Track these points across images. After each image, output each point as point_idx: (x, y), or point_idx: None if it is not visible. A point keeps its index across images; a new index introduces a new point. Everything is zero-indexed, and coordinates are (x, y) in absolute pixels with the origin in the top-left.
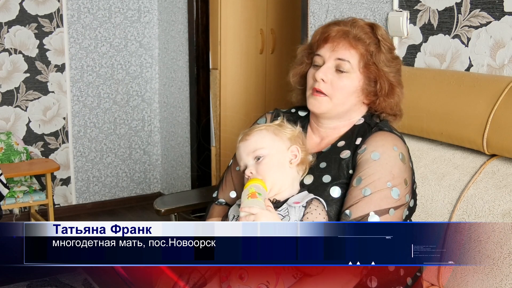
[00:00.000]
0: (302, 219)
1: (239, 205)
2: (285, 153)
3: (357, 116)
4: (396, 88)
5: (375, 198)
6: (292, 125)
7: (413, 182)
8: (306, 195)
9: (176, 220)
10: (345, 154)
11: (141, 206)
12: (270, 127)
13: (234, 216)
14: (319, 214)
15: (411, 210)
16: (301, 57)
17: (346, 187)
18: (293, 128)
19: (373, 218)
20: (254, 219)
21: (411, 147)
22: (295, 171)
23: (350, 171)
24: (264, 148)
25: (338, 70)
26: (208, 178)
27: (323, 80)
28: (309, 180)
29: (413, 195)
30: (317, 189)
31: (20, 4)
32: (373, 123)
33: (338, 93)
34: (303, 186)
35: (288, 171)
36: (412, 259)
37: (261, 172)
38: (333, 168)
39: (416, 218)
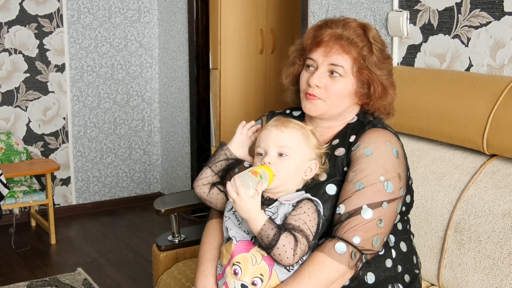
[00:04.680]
0: (288, 215)
1: None
2: (305, 163)
3: (350, 115)
4: (389, 90)
5: (368, 191)
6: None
7: (408, 178)
8: (300, 195)
9: (176, 220)
10: (340, 152)
11: (141, 206)
12: (305, 130)
13: (232, 208)
14: (304, 212)
15: (408, 206)
16: (293, 58)
17: (341, 184)
18: (319, 143)
19: (366, 211)
20: (235, 199)
21: (411, 147)
22: (302, 181)
23: (345, 169)
24: (292, 149)
25: (332, 75)
26: None
27: (317, 86)
28: (308, 181)
29: (409, 191)
30: (314, 187)
31: (20, 4)
32: (367, 120)
33: (333, 96)
34: None
35: (299, 179)
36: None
37: (278, 169)
38: (328, 167)
39: (416, 218)
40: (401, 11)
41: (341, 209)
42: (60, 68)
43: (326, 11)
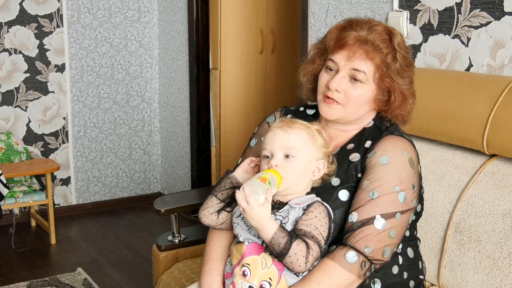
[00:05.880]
0: (299, 220)
1: None
2: (313, 163)
3: (367, 120)
4: (409, 99)
5: (382, 201)
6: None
7: (421, 187)
8: (310, 198)
9: (176, 220)
10: (354, 157)
11: (141, 206)
12: (310, 130)
13: (240, 214)
14: (315, 216)
15: (418, 215)
16: (313, 56)
17: (354, 191)
18: (326, 142)
19: (379, 221)
20: (245, 208)
21: None
22: (311, 182)
23: (359, 175)
24: (298, 150)
25: (353, 79)
26: (208, 178)
27: (337, 90)
28: (318, 182)
29: (420, 200)
30: (326, 192)
31: (20, 4)
32: (384, 127)
33: (352, 102)
34: (312, 189)
35: (307, 180)
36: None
37: (285, 171)
38: (341, 171)
39: None
40: (401, 11)
41: (354, 217)
42: (60, 68)
43: (326, 11)
